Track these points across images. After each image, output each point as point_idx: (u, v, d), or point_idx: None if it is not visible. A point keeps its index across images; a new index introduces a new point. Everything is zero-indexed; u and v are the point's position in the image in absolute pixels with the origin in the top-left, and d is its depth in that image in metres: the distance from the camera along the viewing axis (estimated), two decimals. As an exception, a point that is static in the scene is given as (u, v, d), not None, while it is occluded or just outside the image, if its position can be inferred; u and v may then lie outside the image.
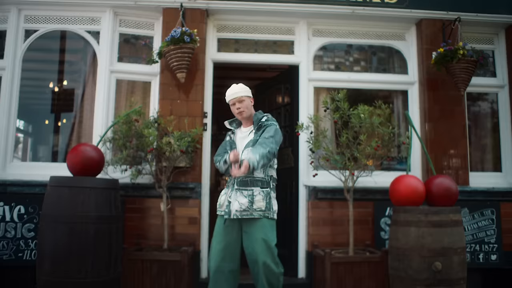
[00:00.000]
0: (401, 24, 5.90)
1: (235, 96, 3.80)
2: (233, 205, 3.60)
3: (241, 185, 3.64)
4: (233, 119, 3.98)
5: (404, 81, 5.85)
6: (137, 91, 5.61)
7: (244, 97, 3.81)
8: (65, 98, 5.93)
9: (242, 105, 3.80)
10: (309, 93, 5.68)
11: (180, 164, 5.03)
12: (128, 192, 5.08)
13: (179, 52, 4.92)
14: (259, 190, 3.63)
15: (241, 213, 3.58)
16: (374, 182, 5.08)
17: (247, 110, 3.82)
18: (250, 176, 3.60)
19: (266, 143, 3.54)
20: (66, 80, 6.02)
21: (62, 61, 5.96)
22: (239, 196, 3.62)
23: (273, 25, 5.81)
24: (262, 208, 3.59)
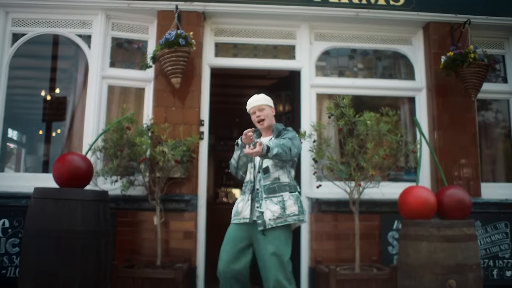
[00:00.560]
0: (408, 28, 5.64)
1: (255, 104, 3.71)
2: (265, 214, 3.44)
3: (269, 192, 3.51)
4: (255, 128, 3.82)
5: (411, 87, 5.58)
6: (130, 98, 5.34)
7: (265, 106, 3.72)
8: (56, 106, 5.64)
9: (262, 113, 3.70)
10: (311, 100, 5.40)
11: (175, 174, 4.73)
12: (119, 205, 4.77)
13: (174, 56, 4.64)
14: (288, 195, 3.53)
15: (275, 221, 3.42)
16: (381, 193, 4.78)
17: (267, 119, 3.71)
18: (276, 182, 3.53)
19: (283, 141, 3.43)
20: (56, 87, 5.72)
21: (52, 67, 5.67)
22: (269, 204, 3.47)
23: (273, 29, 5.55)
24: (296, 212, 3.50)
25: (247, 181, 3.64)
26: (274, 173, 3.53)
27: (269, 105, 3.74)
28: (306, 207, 5.13)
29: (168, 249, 4.80)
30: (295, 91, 5.56)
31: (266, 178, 3.52)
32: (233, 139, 3.98)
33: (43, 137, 5.82)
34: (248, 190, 3.59)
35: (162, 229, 4.70)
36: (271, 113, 3.74)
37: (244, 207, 3.56)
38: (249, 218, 3.51)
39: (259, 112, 3.68)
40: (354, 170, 4.45)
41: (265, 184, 3.51)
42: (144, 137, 4.47)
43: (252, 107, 3.72)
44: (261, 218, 3.44)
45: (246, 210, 3.54)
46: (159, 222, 4.58)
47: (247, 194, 3.59)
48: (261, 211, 3.45)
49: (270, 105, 3.75)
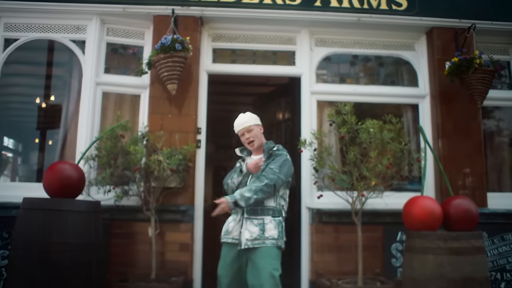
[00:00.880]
0: (410, 33, 5.49)
1: (243, 126, 3.71)
2: (243, 234, 3.47)
3: (251, 214, 3.53)
4: (243, 147, 3.87)
5: (414, 94, 5.42)
6: (125, 105, 5.18)
7: (253, 126, 3.72)
8: (49, 114, 5.50)
9: (251, 134, 3.71)
10: (312, 107, 5.24)
11: (171, 184, 4.56)
12: (113, 216, 4.60)
13: (170, 61, 4.49)
14: (270, 219, 3.52)
15: (252, 242, 3.43)
16: (385, 204, 4.60)
17: (256, 139, 3.72)
18: (260, 205, 3.51)
19: (267, 174, 3.48)
20: (50, 94, 5.57)
21: (46, 74, 5.52)
22: (249, 225, 3.50)
23: (272, 34, 5.41)
24: (275, 236, 3.46)
25: None
26: None
27: (257, 124, 3.74)
28: (307, 218, 4.98)
29: (163, 261, 4.62)
30: (295, 98, 5.41)
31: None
32: (232, 148, 3.87)
33: (36, 145, 5.68)
34: (240, 210, 3.55)
35: (157, 241, 4.53)
36: (259, 131, 3.74)
37: (235, 227, 3.54)
38: (239, 239, 3.50)
39: (248, 134, 3.68)
40: (357, 180, 4.28)
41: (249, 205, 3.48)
42: (138, 146, 4.31)
43: (240, 129, 3.71)
44: (240, 237, 3.48)
45: (237, 231, 3.53)
46: (154, 234, 4.41)
47: (239, 214, 3.56)
48: (241, 230, 3.49)
49: (258, 123, 3.75)
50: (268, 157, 3.63)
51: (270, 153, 3.65)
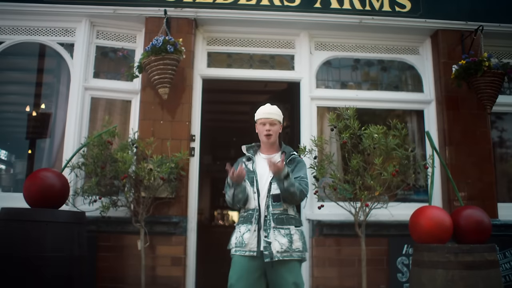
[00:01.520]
0: (414, 36, 5.27)
1: (269, 116, 3.41)
2: (273, 245, 3.13)
3: (278, 222, 3.19)
4: (251, 144, 3.52)
5: (419, 100, 5.18)
6: (115, 111, 4.94)
7: (277, 122, 3.44)
8: (36, 121, 5.22)
9: (273, 128, 3.39)
10: (312, 113, 4.99)
11: (162, 194, 4.30)
12: (100, 228, 4.33)
13: (161, 63, 4.25)
14: (295, 229, 3.25)
15: (282, 255, 3.13)
16: (391, 215, 4.34)
17: (274, 135, 3.41)
18: (285, 213, 3.24)
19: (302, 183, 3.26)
20: (36, 100, 5.26)
21: (32, 79, 5.29)
22: (277, 236, 3.16)
23: (270, 37, 5.18)
24: (300, 248, 3.20)
25: (252, 209, 3.24)
26: (283, 203, 3.23)
27: (280, 122, 3.47)
28: (307, 230, 4.69)
29: (154, 276, 4.33)
30: (294, 104, 5.17)
31: (277, 207, 3.21)
32: (231, 160, 3.55)
33: (22, 154, 5.39)
34: (254, 219, 3.20)
35: (148, 255, 4.26)
36: (279, 129, 3.46)
37: (251, 238, 3.18)
38: (256, 251, 3.15)
39: (270, 126, 3.37)
40: (360, 189, 4.00)
41: (275, 213, 3.19)
42: (127, 153, 4.03)
43: (265, 117, 3.40)
44: (268, 249, 3.11)
45: (253, 242, 3.18)
46: (144, 247, 4.13)
47: (253, 224, 3.19)
48: (269, 241, 3.13)
49: (281, 121, 3.48)
50: (290, 161, 3.33)
51: (291, 157, 3.37)
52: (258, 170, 3.31)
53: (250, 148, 3.48)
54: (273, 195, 3.18)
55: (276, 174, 3.09)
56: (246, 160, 3.43)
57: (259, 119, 3.43)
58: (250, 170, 3.31)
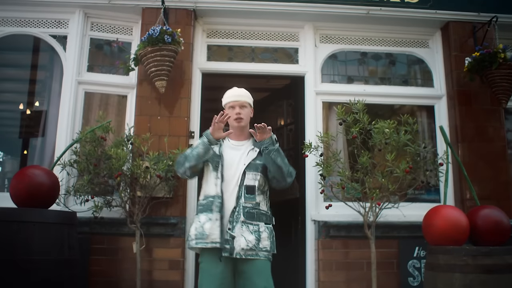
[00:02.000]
0: (424, 29, 5.03)
1: (238, 99, 3.11)
2: (238, 241, 2.84)
3: (248, 217, 2.90)
4: None
5: (429, 95, 4.93)
6: (111, 107, 4.69)
7: (247, 104, 3.14)
8: (27, 117, 5.00)
9: (243, 111, 3.09)
10: (317, 109, 4.75)
11: (159, 193, 4.05)
12: (93, 229, 4.08)
13: (158, 55, 4.01)
14: (264, 226, 2.96)
15: (246, 253, 2.84)
16: (402, 215, 4.10)
17: (246, 119, 3.11)
18: (256, 208, 2.95)
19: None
20: (28, 96, 5.06)
21: (23, 74, 5.04)
22: (245, 231, 2.87)
23: (273, 29, 4.94)
24: (267, 247, 2.91)
25: (213, 195, 2.92)
26: (257, 196, 2.96)
27: (251, 105, 3.18)
28: (312, 232, 4.46)
29: (151, 281, 4.08)
30: (298, 100, 4.92)
31: (249, 200, 2.92)
32: None
33: (12, 152, 5.15)
34: (216, 207, 2.88)
35: (144, 258, 4.01)
36: (250, 113, 3.16)
37: (213, 228, 2.84)
38: (220, 242, 2.82)
39: (240, 109, 3.07)
40: (369, 188, 3.75)
41: (246, 206, 2.90)
42: (122, 149, 3.78)
43: (233, 100, 3.10)
44: (230, 243, 2.82)
45: (215, 233, 2.83)
46: (139, 250, 3.88)
47: (215, 212, 2.87)
48: (233, 235, 2.84)
49: (251, 104, 3.19)
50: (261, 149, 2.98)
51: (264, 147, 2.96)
52: (226, 156, 3.01)
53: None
54: (247, 186, 2.91)
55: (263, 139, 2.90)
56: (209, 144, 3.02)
57: (227, 103, 3.12)
58: (216, 153, 3.00)
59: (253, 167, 2.98)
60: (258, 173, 2.98)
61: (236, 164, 2.98)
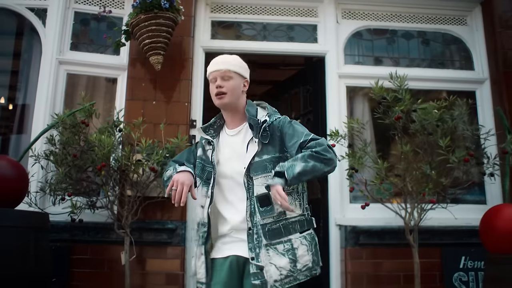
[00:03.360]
0: (461, 3, 4.37)
1: (218, 67, 2.21)
2: (268, 272, 2.05)
3: (272, 236, 2.08)
4: (211, 121, 2.34)
5: (469, 79, 4.25)
6: (98, 91, 4.04)
7: (233, 74, 2.20)
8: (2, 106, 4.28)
9: (227, 84, 2.17)
10: (340, 94, 4.06)
11: (153, 192, 3.33)
12: (75, 236, 3.38)
13: (153, 23, 3.32)
14: (299, 239, 2.11)
15: (282, 282, 2.04)
16: (454, 218, 3.39)
17: (231, 93, 2.19)
18: (282, 219, 2.11)
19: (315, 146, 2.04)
20: (4, 80, 4.34)
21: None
22: (274, 257, 2.07)
23: (288, 3, 4.27)
24: (309, 264, 2.07)
25: (198, 222, 2.21)
26: (275, 205, 2.07)
27: (241, 74, 2.23)
28: (337, 238, 3.73)
29: (143, 299, 3.36)
30: (317, 84, 4.23)
31: (267, 214, 2.08)
32: None
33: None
34: (200, 237, 2.17)
35: (135, 271, 3.29)
36: (240, 86, 2.23)
37: (197, 265, 2.18)
38: (205, 282, 2.13)
39: (221, 81, 2.17)
40: (417, 182, 3.03)
41: (266, 223, 2.08)
42: (107, 136, 3.05)
43: (212, 71, 2.22)
44: (259, 277, 2.04)
45: (200, 271, 2.17)
46: (129, 261, 3.16)
47: (198, 246, 2.18)
48: (261, 265, 2.05)
49: (242, 74, 2.24)
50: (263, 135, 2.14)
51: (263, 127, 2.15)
52: (222, 157, 2.23)
53: (209, 128, 2.31)
54: (259, 198, 2.08)
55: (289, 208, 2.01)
56: (207, 143, 2.30)
57: (209, 74, 2.25)
58: (208, 160, 2.22)
59: (260, 167, 2.12)
60: (270, 173, 2.08)
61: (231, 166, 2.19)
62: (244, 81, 2.24)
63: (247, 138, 2.18)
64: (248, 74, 2.29)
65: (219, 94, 2.17)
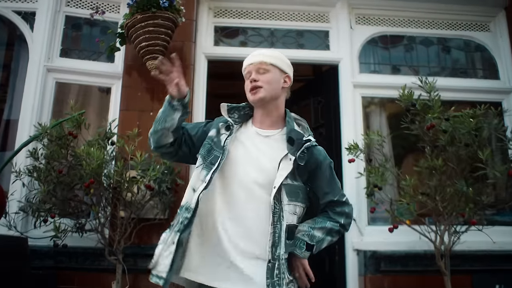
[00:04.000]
0: (483, 8, 4.08)
1: (254, 60, 1.90)
2: None
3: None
4: (240, 105, 1.96)
5: (494, 89, 3.93)
6: (91, 102, 3.69)
7: (269, 66, 1.88)
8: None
9: (262, 77, 1.85)
10: (356, 105, 3.72)
11: (149, 214, 2.95)
12: (60, 263, 3.00)
13: (151, 24, 2.99)
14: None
15: None
16: (489, 242, 3.00)
17: (268, 88, 1.86)
18: None
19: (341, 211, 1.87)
20: None
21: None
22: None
23: (297, 8, 3.97)
24: None
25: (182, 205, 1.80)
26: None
27: (279, 67, 1.90)
28: (355, 265, 3.35)
29: (138, 335, 2.96)
30: (330, 95, 3.89)
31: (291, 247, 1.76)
32: None
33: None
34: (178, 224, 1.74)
35: (128, 303, 2.89)
36: (280, 81, 1.90)
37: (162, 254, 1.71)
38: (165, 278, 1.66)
39: (257, 75, 1.86)
40: (450, 201, 2.66)
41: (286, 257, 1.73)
42: (97, 149, 2.68)
43: (251, 63, 1.90)
44: None
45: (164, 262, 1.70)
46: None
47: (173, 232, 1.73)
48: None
49: (281, 67, 1.91)
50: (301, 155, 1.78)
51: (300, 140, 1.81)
52: (237, 154, 1.85)
53: (234, 110, 1.94)
54: (289, 227, 1.74)
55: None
56: (225, 127, 1.91)
57: (243, 71, 1.95)
58: (220, 144, 1.84)
59: (293, 192, 1.78)
60: (298, 203, 1.79)
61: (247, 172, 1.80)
62: (284, 76, 1.92)
63: (280, 151, 1.80)
64: (290, 70, 1.97)
65: (253, 89, 1.86)
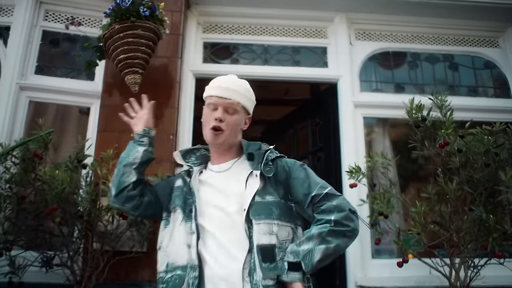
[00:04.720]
0: (490, 23, 3.84)
1: (225, 94, 1.80)
2: None
3: None
4: (192, 147, 2.00)
5: (506, 108, 3.64)
6: (69, 123, 3.39)
7: (240, 108, 1.82)
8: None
9: (229, 119, 1.79)
10: (357, 126, 3.41)
11: (125, 246, 2.61)
12: (21, 303, 2.62)
13: (130, 35, 2.70)
14: None
15: None
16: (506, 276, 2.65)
17: (231, 132, 1.80)
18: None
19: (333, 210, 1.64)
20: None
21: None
22: None
23: (292, 23, 3.72)
24: None
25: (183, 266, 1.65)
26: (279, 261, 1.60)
27: (246, 109, 1.84)
28: (358, 304, 2.99)
29: None
30: (329, 116, 3.60)
31: (269, 272, 1.56)
32: None
33: None
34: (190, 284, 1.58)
35: None
36: (241, 123, 1.84)
37: None
38: None
39: (224, 114, 1.77)
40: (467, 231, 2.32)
41: (268, 284, 1.54)
42: (64, 171, 2.36)
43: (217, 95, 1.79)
44: None
45: None
46: (90, 337, 2.40)
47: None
48: None
49: (248, 109, 1.86)
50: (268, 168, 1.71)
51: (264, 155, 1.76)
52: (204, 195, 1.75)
53: (189, 154, 1.92)
54: (261, 248, 1.57)
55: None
56: (187, 174, 1.87)
57: (208, 96, 1.85)
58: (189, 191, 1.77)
59: (263, 210, 1.63)
60: (274, 221, 1.62)
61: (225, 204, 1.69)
62: (246, 118, 1.87)
63: (243, 173, 1.72)
64: (252, 109, 1.85)
65: (215, 130, 1.76)
